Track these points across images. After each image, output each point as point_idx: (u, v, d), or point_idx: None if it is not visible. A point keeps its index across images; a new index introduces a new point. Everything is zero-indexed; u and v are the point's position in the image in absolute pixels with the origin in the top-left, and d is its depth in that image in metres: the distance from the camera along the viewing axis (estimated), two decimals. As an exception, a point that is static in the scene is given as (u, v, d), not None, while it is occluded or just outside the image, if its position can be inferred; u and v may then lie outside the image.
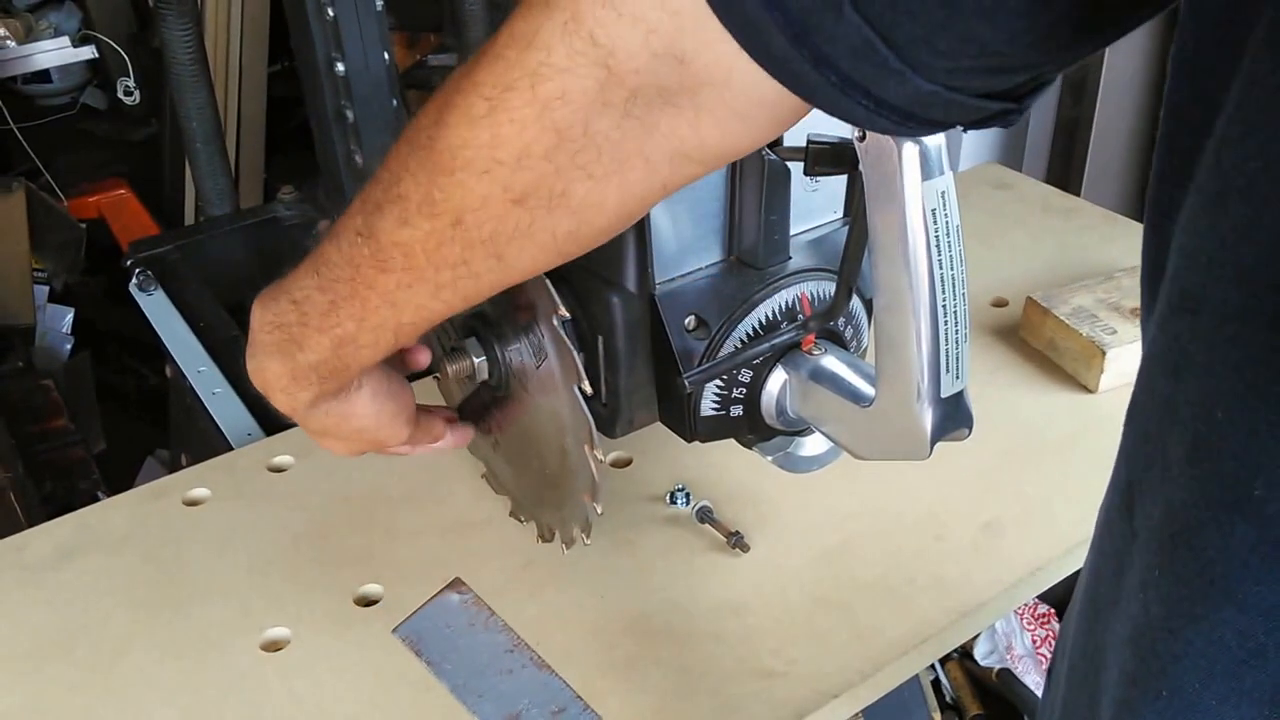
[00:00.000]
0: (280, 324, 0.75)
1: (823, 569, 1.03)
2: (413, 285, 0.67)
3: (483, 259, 0.64)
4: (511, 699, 0.91)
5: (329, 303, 0.72)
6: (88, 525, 1.10)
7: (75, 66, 3.57)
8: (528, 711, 0.90)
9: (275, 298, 0.76)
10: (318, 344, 0.74)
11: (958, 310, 0.72)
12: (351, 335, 0.73)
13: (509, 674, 0.93)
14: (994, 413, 1.18)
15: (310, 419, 0.81)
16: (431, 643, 0.97)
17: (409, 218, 0.64)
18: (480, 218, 0.61)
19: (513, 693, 0.92)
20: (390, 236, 0.65)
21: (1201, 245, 0.44)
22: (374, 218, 0.66)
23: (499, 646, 0.96)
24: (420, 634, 0.98)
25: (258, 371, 0.78)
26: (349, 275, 0.70)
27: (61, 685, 0.94)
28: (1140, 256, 0.53)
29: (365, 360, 0.76)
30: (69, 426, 2.44)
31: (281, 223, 1.67)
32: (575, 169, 0.57)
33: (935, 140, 0.68)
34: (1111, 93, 2.36)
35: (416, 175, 0.62)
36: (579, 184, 0.57)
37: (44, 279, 2.89)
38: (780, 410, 0.90)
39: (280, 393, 0.78)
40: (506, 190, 0.59)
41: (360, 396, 0.81)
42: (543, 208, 0.59)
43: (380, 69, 1.55)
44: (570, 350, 0.83)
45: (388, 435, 0.86)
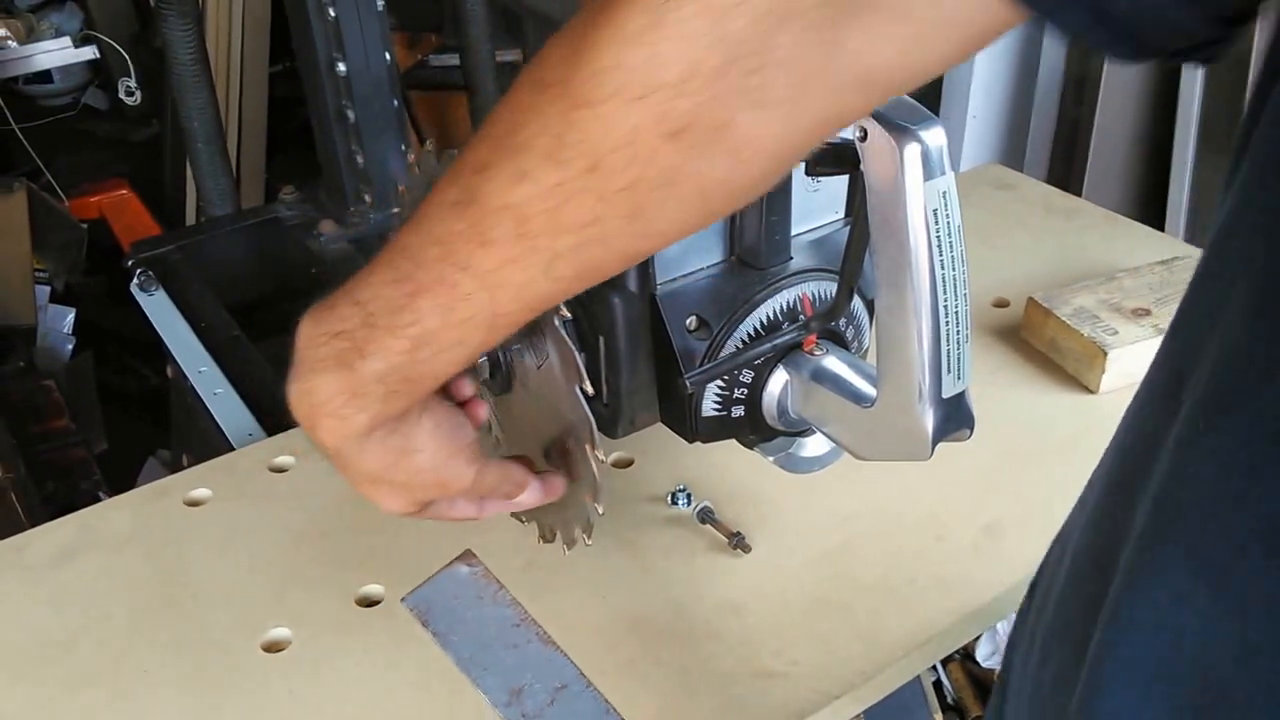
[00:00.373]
0: (339, 331, 0.65)
1: (824, 569, 1.02)
2: (521, 260, 0.59)
3: (616, 217, 0.56)
4: (516, 673, 0.92)
5: (406, 295, 0.62)
6: (89, 525, 1.10)
7: (77, 67, 3.58)
8: (531, 686, 0.90)
9: (331, 306, 0.66)
10: (388, 348, 0.64)
11: (959, 311, 0.72)
12: (432, 334, 0.63)
13: (514, 648, 0.94)
14: (995, 413, 1.18)
15: (363, 455, 0.70)
16: (439, 614, 0.97)
17: (530, 170, 0.55)
18: (623, 159, 0.53)
19: (517, 667, 0.92)
20: (500, 198, 0.57)
21: None
22: (477, 180, 0.58)
23: (506, 621, 0.96)
24: (428, 604, 0.98)
25: (305, 394, 0.67)
26: (437, 257, 0.61)
27: (63, 686, 0.94)
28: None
29: (443, 370, 0.66)
30: (70, 427, 2.44)
31: (283, 223, 1.67)
32: (744, 94, 0.50)
33: (936, 141, 0.68)
34: (1113, 93, 2.36)
35: (544, 116, 0.54)
36: (745, 113, 0.51)
37: (45, 279, 2.90)
38: (781, 411, 0.90)
39: (330, 417, 0.67)
40: (661, 120, 0.51)
41: (421, 428, 0.71)
42: (699, 145, 0.52)
43: (381, 69, 1.55)
44: (572, 350, 0.83)
45: (450, 475, 0.75)
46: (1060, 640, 0.57)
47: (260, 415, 1.30)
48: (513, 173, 0.56)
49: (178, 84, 1.57)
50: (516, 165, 0.56)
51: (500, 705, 0.90)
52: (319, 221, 1.63)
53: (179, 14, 1.52)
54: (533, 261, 0.58)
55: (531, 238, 0.57)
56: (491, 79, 1.84)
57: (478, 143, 0.58)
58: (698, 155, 0.52)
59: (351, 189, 1.63)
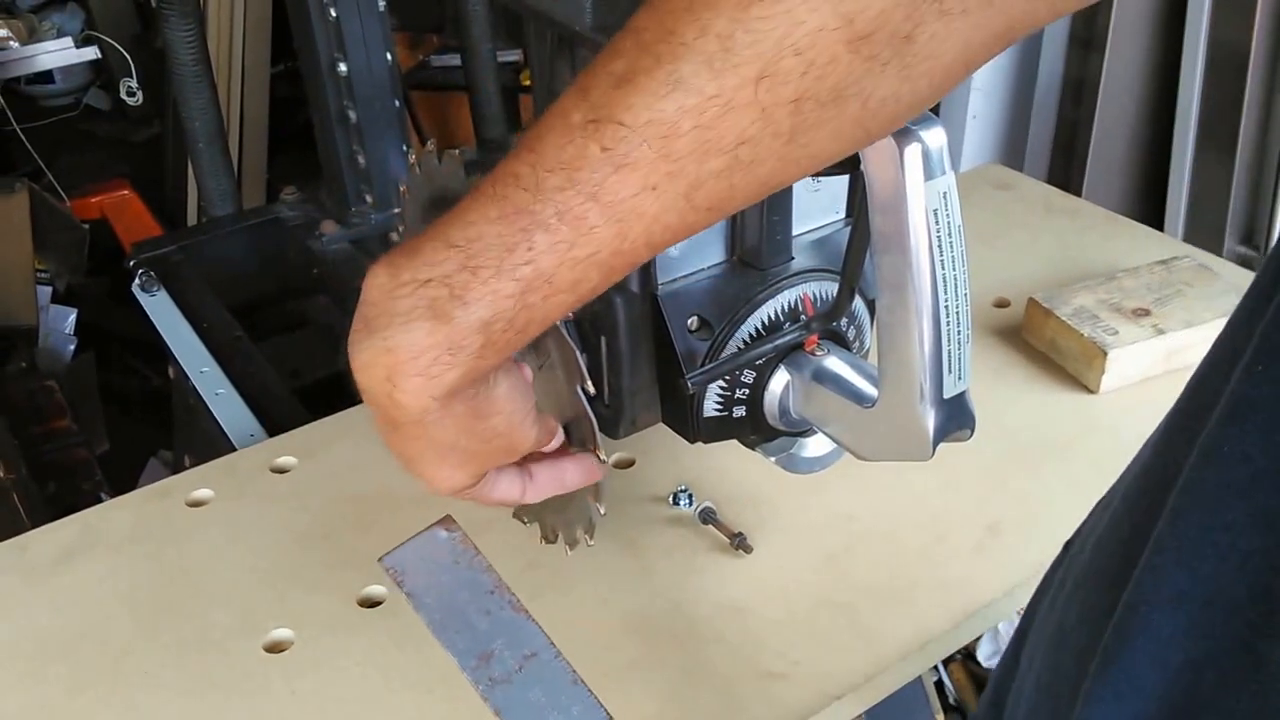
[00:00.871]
0: (431, 278, 0.57)
1: (825, 570, 1.03)
2: (662, 185, 0.53)
3: (773, 136, 0.51)
4: (486, 638, 0.93)
5: (519, 231, 0.55)
6: (90, 526, 1.10)
7: (78, 67, 3.58)
8: (500, 653, 0.92)
9: (414, 251, 0.58)
10: (495, 292, 0.56)
11: (960, 311, 0.72)
12: (546, 275, 0.56)
13: (487, 614, 0.95)
14: (996, 414, 1.18)
15: (443, 421, 0.63)
16: (414, 575, 0.98)
17: (686, 78, 0.50)
18: (797, 66, 0.48)
19: (488, 633, 0.94)
20: (646, 113, 0.51)
21: None
22: (616, 94, 0.52)
23: (480, 587, 0.98)
24: (405, 565, 0.99)
25: (385, 352, 0.59)
26: (558, 185, 0.54)
27: (64, 687, 0.94)
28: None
29: (550, 317, 0.59)
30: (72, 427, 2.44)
31: (284, 223, 1.67)
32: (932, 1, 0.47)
33: (937, 140, 0.68)
34: (1112, 94, 2.37)
35: (709, 16, 0.49)
36: (928, 25, 0.48)
37: (47, 280, 2.90)
38: (783, 411, 0.90)
39: (418, 376, 0.58)
40: (848, 23, 0.47)
41: (499, 388, 0.66)
42: (878, 56, 0.48)
43: (383, 69, 1.56)
44: (573, 350, 0.83)
45: (521, 439, 0.70)
46: (1096, 579, 0.57)
47: (262, 416, 1.30)
48: (663, 81, 0.50)
49: (179, 84, 1.57)
50: (668, 73, 0.50)
51: (468, 669, 0.91)
52: (320, 222, 1.63)
53: (180, 14, 1.52)
54: (673, 188, 0.53)
55: (676, 159, 0.52)
56: (493, 79, 1.84)
57: (610, 57, 0.53)
58: (874, 68, 0.49)
59: (353, 189, 1.64)
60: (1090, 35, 2.37)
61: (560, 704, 0.88)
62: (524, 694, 0.89)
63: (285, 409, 1.33)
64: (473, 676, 0.89)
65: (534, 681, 0.89)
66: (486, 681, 0.89)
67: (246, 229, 1.68)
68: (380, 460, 1.15)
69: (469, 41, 1.80)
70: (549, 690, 0.89)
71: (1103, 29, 2.33)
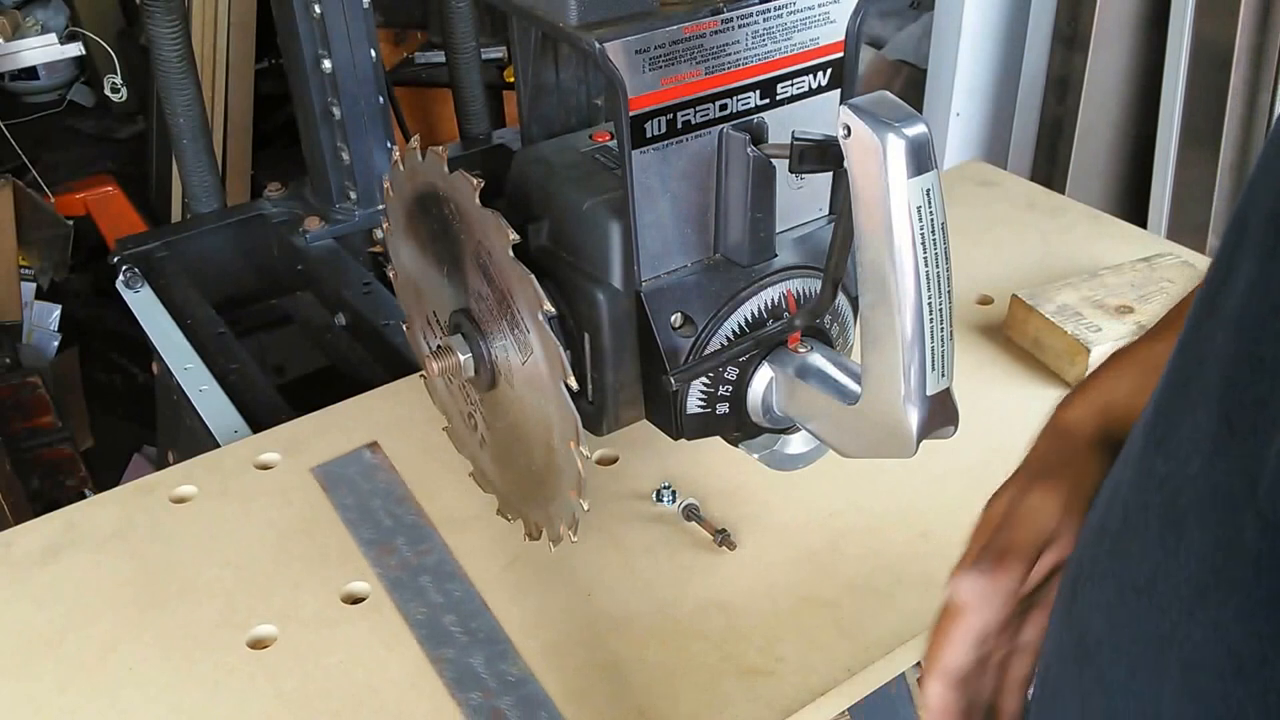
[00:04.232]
0: None
1: (809, 566, 1.03)
2: None
3: None
4: (389, 535, 1.07)
5: None
6: (74, 523, 1.10)
7: (62, 63, 3.57)
8: (400, 549, 1.05)
9: None
10: None
11: (943, 308, 0.72)
12: None
13: (393, 516, 1.09)
14: (979, 411, 1.18)
15: None
16: (337, 483, 1.13)
17: None
18: None
19: (391, 529, 1.07)
20: None
21: None
22: None
23: (391, 496, 1.11)
24: (331, 476, 1.14)
25: None
26: None
27: (48, 683, 0.94)
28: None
29: None
30: (56, 423, 2.44)
31: (268, 220, 1.67)
32: None
33: (920, 138, 0.68)
34: (1096, 91, 2.37)
35: None
36: None
37: (31, 276, 2.90)
38: (766, 408, 0.90)
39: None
40: None
41: None
42: None
43: (367, 66, 1.56)
44: (556, 347, 0.84)
45: None
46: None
47: (246, 412, 1.30)
48: None
49: (163, 81, 1.57)
50: None
51: (370, 558, 1.05)
52: (304, 218, 1.63)
53: (164, 10, 1.51)
54: None
55: None
56: (477, 76, 1.84)
57: None
58: None
59: (337, 186, 1.63)
60: (1074, 32, 2.37)
61: (444, 590, 1.01)
62: (414, 579, 1.02)
63: (269, 405, 1.32)
64: (376, 566, 1.04)
65: (423, 571, 1.03)
66: (383, 566, 1.04)
67: (230, 225, 1.67)
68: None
69: (453, 38, 1.80)
70: (436, 578, 1.02)
71: (1086, 26, 2.33)
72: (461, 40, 1.80)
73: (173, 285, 1.54)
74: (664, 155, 0.84)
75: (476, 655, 0.95)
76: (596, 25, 0.79)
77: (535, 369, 0.88)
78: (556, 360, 0.84)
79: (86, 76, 3.99)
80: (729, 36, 0.83)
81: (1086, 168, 2.43)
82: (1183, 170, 2.27)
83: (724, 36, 0.83)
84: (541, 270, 0.84)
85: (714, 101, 0.84)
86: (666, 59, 0.80)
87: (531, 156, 0.97)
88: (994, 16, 2.51)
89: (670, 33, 0.80)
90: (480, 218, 0.86)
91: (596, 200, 0.88)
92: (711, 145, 0.86)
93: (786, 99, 0.88)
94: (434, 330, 1.03)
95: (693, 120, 0.84)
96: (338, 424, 1.21)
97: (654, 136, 0.83)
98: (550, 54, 0.99)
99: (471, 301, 0.94)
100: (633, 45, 0.79)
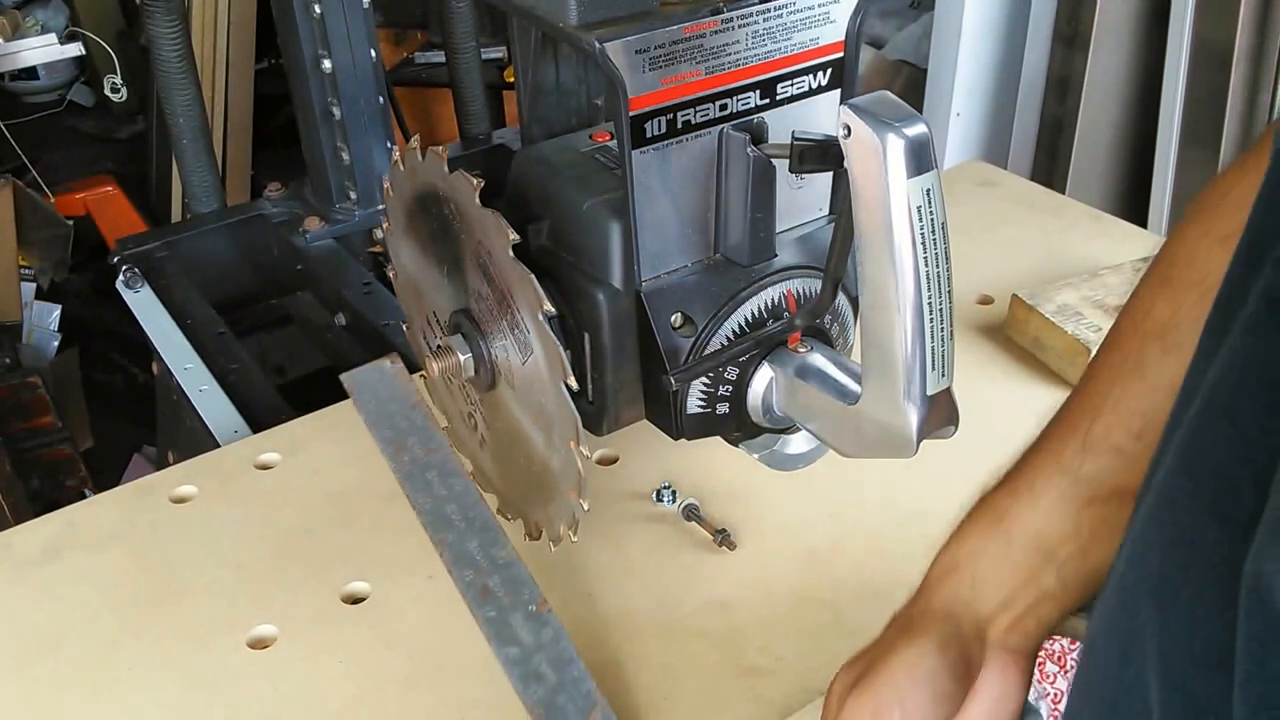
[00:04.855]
0: None
1: (809, 566, 1.03)
2: None
3: None
4: (403, 434, 1.15)
5: None
6: (74, 523, 1.10)
7: (62, 63, 3.57)
8: (413, 449, 1.13)
9: None
10: None
11: (943, 308, 0.72)
12: None
13: (407, 419, 1.16)
14: (979, 411, 1.18)
15: None
16: (363, 388, 1.21)
17: None
18: None
19: (405, 430, 1.15)
20: None
21: None
22: None
23: (406, 400, 1.18)
24: (358, 382, 1.22)
25: None
26: None
27: (48, 683, 0.94)
28: None
29: None
30: (56, 424, 2.44)
31: (268, 220, 1.67)
32: None
33: (920, 137, 0.68)
34: (1096, 91, 2.37)
35: None
36: None
37: (31, 276, 2.90)
38: (766, 408, 0.90)
39: None
40: None
41: None
42: None
43: (367, 66, 1.55)
44: (556, 346, 0.84)
45: None
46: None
47: (246, 412, 1.30)
48: None
49: (163, 80, 1.57)
50: None
51: (389, 455, 1.13)
52: (304, 218, 1.63)
53: (164, 10, 1.51)
54: None
55: None
56: (477, 76, 1.84)
57: None
58: None
59: (337, 186, 1.63)
60: (1074, 32, 2.37)
61: (448, 484, 1.08)
62: (423, 474, 1.10)
63: (269, 405, 1.32)
64: (393, 462, 1.12)
65: (432, 466, 1.10)
66: (398, 462, 1.12)
67: (230, 225, 1.67)
68: (363, 457, 1.15)
69: (453, 38, 1.80)
70: (441, 474, 1.09)
71: (1087, 26, 2.33)
72: (461, 40, 1.79)
73: (173, 285, 1.54)
74: (664, 155, 0.84)
75: (473, 540, 1.03)
76: (596, 25, 0.79)
77: (535, 369, 0.88)
78: (556, 360, 0.84)
79: (86, 76, 3.99)
80: (729, 36, 0.83)
81: (1086, 168, 2.43)
82: (1183, 170, 2.27)
83: (724, 36, 0.82)
84: (542, 270, 0.84)
85: (714, 101, 0.84)
86: (666, 59, 0.80)
87: (531, 156, 0.97)
88: (994, 16, 2.51)
89: (670, 33, 0.80)
90: (480, 218, 0.86)
91: (596, 200, 0.88)
92: (711, 145, 0.86)
93: (786, 99, 0.88)
94: (434, 330, 1.03)
95: (693, 120, 0.84)
96: (338, 424, 1.21)
97: (654, 136, 0.83)
98: (550, 54, 0.99)
99: (471, 301, 0.93)
100: (633, 45, 0.79)
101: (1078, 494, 0.72)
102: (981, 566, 0.75)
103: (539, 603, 0.96)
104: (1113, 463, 0.72)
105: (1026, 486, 0.75)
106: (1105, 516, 0.72)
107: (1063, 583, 0.73)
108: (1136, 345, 0.72)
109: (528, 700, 0.91)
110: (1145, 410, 0.71)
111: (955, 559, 0.77)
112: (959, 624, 0.75)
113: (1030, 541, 0.74)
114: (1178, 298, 0.71)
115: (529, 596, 0.97)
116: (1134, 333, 0.73)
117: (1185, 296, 0.70)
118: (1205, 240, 0.71)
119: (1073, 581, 0.73)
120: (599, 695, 0.90)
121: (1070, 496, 0.73)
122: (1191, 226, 0.73)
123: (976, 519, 0.78)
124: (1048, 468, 0.75)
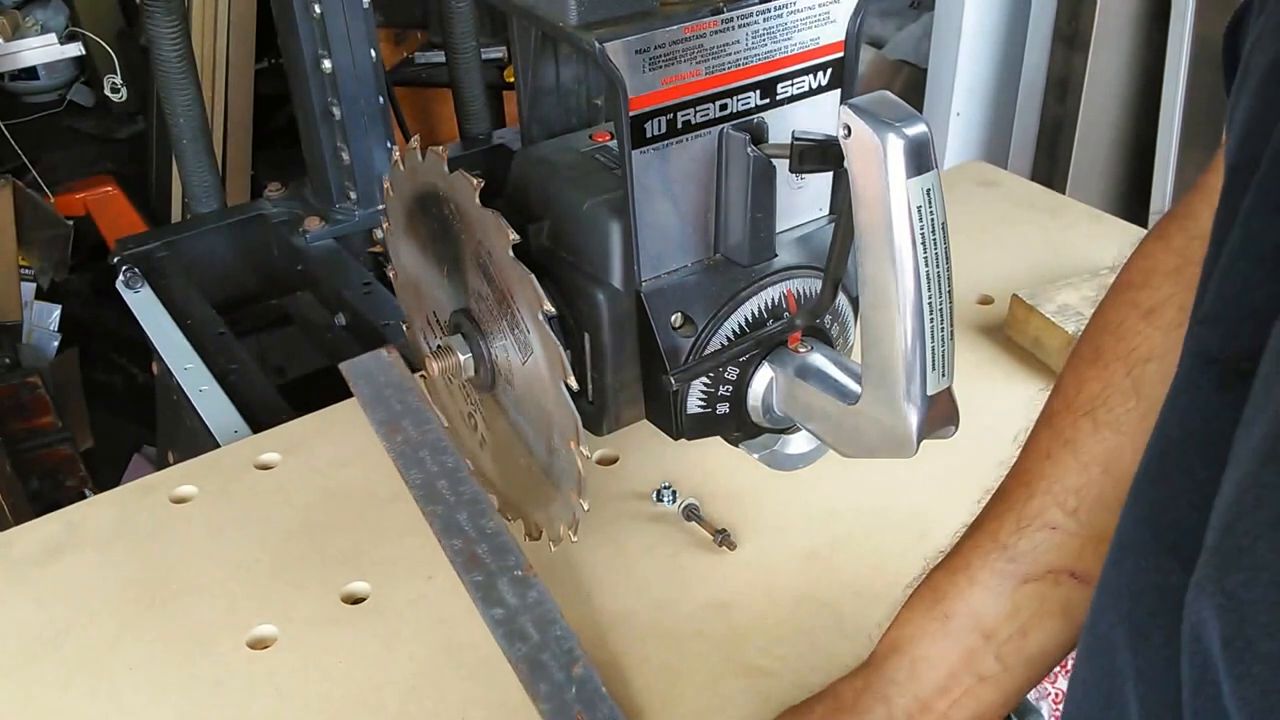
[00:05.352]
0: None
1: (809, 566, 1.03)
2: None
3: None
4: (397, 416, 1.19)
5: None
6: (74, 523, 1.10)
7: (62, 63, 3.57)
8: (407, 430, 1.17)
9: None
10: None
11: (943, 308, 0.72)
12: None
13: (401, 402, 1.21)
14: (979, 411, 1.18)
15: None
16: (361, 376, 1.25)
17: None
18: None
19: (399, 412, 1.20)
20: None
21: None
22: None
23: (401, 386, 1.23)
24: (356, 370, 1.26)
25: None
26: None
27: (49, 683, 0.94)
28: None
29: None
30: (56, 424, 2.44)
31: (268, 220, 1.67)
32: None
33: (920, 137, 0.68)
34: (1096, 91, 2.37)
35: None
36: None
37: (30, 276, 2.90)
38: (766, 408, 0.90)
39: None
40: None
41: None
42: None
43: (367, 66, 1.55)
44: (556, 346, 0.84)
45: None
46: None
47: (246, 412, 1.30)
48: None
49: (163, 80, 1.57)
50: None
51: (383, 435, 1.17)
52: (304, 218, 1.63)
53: (164, 10, 1.51)
54: None
55: None
56: (477, 76, 1.84)
57: None
58: None
59: (337, 186, 1.63)
60: (1074, 32, 2.37)
61: (439, 460, 1.13)
62: (416, 452, 1.14)
63: (269, 405, 1.32)
64: (387, 443, 1.16)
65: (425, 443, 1.15)
66: (392, 441, 1.16)
67: (230, 225, 1.67)
68: (363, 456, 1.15)
69: (453, 38, 1.80)
70: (433, 451, 1.14)
71: (1087, 26, 2.33)
72: (461, 40, 1.79)
73: (173, 285, 1.54)
74: (664, 155, 0.84)
75: (462, 512, 1.07)
76: (596, 25, 0.79)
77: (535, 369, 0.88)
78: (556, 360, 0.84)
79: (86, 76, 3.99)
80: (729, 36, 0.83)
81: (1087, 168, 2.43)
82: (1184, 170, 2.27)
83: (724, 36, 0.82)
84: (542, 270, 0.84)
85: (714, 101, 0.84)
86: (666, 59, 0.80)
87: (532, 156, 0.97)
88: (994, 16, 2.51)
89: (670, 32, 0.80)
90: (480, 218, 0.86)
91: (596, 200, 0.88)
92: (711, 145, 0.86)
93: (786, 99, 0.88)
94: (434, 330, 1.03)
95: (693, 120, 0.84)
96: (338, 424, 1.21)
97: (654, 136, 0.83)
98: (550, 54, 0.99)
99: (471, 301, 0.94)
100: (633, 45, 0.79)
101: (1014, 572, 0.73)
102: (920, 647, 0.76)
103: (525, 567, 1.00)
104: (1047, 540, 0.72)
105: (964, 565, 0.76)
106: (1042, 595, 0.72)
107: (1003, 664, 0.73)
108: (1069, 422, 0.73)
109: (512, 657, 0.93)
110: (1078, 487, 0.72)
111: (896, 640, 0.78)
112: (891, 710, 0.76)
113: (968, 622, 0.74)
114: (1106, 372, 0.72)
115: (514, 562, 1.00)
116: (1066, 410, 0.74)
117: (1114, 370, 0.72)
118: (1133, 313, 0.72)
119: (1013, 663, 0.73)
120: (580, 651, 0.92)
121: (1007, 574, 0.73)
122: (1120, 296, 0.74)
123: (917, 600, 0.78)
124: (984, 546, 0.75)
